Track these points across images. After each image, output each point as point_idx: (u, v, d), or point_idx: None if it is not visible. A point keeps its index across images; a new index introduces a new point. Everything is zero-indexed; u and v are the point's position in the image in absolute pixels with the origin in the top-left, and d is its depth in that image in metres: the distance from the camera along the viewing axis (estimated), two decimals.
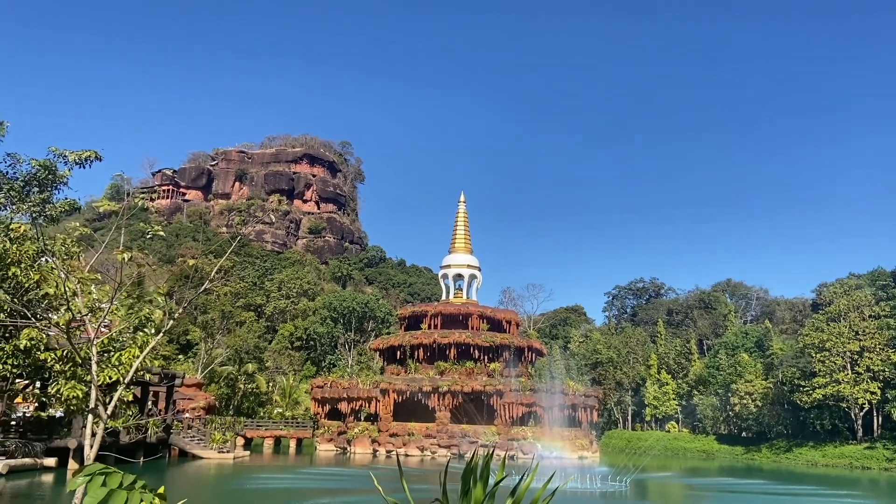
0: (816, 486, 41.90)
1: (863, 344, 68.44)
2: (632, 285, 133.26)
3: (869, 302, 71.91)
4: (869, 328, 69.12)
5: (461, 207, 75.74)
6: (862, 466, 63.49)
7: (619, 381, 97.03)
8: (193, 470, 40.34)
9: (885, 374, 66.89)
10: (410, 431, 60.24)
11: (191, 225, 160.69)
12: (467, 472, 5.00)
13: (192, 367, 72.31)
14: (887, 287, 78.32)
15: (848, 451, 67.98)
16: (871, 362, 67.42)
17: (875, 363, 67.12)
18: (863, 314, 70.83)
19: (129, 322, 9.82)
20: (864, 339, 68.75)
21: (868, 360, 67.62)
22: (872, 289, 76.36)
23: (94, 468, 3.69)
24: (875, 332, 68.52)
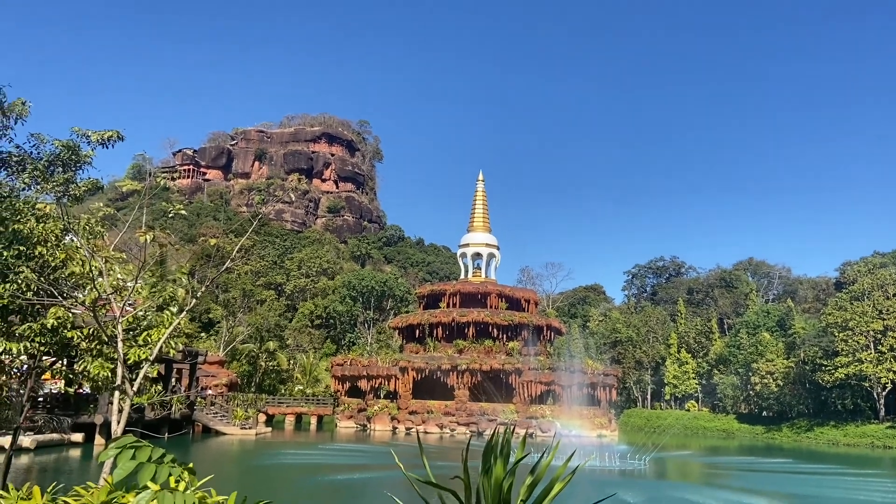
0: (838, 466, 41.72)
1: (886, 323, 67.65)
2: (652, 264, 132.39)
3: (893, 280, 70.87)
4: (893, 307, 68.24)
5: (479, 186, 75.49)
6: (884, 446, 63.03)
7: (639, 360, 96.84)
8: (217, 445, 41.06)
9: None
10: (429, 409, 60.72)
11: (211, 204, 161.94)
12: (488, 449, 5.02)
13: (215, 345, 73.31)
14: None
15: (870, 430, 67.50)
16: (894, 341, 66.67)
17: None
18: (887, 293, 69.89)
19: (153, 301, 9.95)
20: (888, 318, 67.92)
21: (892, 339, 66.89)
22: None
23: (124, 441, 3.77)
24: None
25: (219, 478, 18.00)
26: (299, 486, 25.15)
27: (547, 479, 5.07)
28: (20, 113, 11.61)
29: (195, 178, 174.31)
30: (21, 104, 11.58)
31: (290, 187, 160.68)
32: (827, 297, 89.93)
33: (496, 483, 4.88)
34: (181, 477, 4.11)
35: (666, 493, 25.47)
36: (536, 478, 5.01)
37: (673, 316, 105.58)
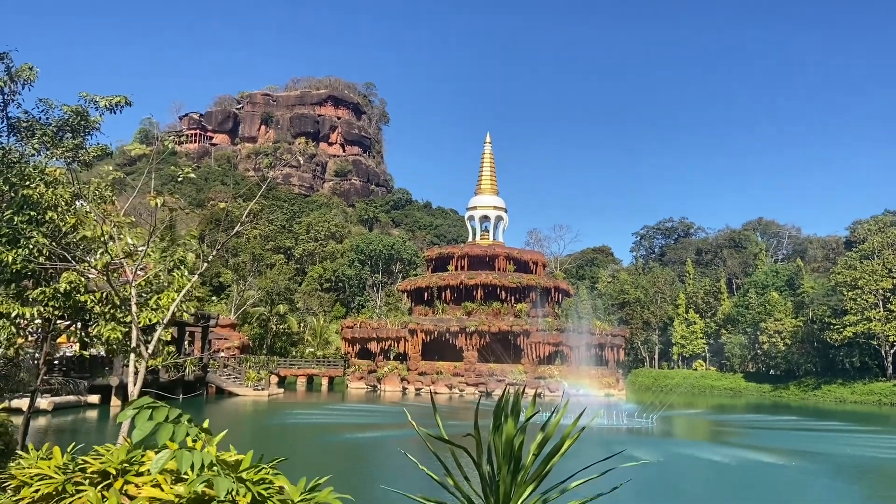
0: (846, 423, 42.04)
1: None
2: (660, 225, 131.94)
3: None
4: None
5: (487, 149, 74.94)
6: (891, 403, 63.42)
7: (647, 321, 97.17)
8: (231, 406, 41.76)
9: None
10: (439, 370, 61.37)
11: (219, 169, 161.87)
12: (498, 408, 5.09)
13: (226, 309, 74.00)
14: None
15: (877, 387, 67.82)
16: None
17: None
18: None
19: (164, 265, 10.03)
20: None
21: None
22: None
23: (142, 402, 3.84)
24: None
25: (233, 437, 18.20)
26: (313, 445, 25.62)
27: (557, 437, 5.15)
28: (28, 78, 11.55)
29: (202, 142, 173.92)
30: (28, 69, 11.52)
31: (297, 151, 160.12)
32: (837, 256, 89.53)
33: (507, 440, 4.96)
34: (198, 436, 4.19)
35: (674, 451, 25.81)
36: (546, 435, 5.08)
37: (681, 277, 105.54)
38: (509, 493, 4.85)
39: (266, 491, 4.47)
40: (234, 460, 4.58)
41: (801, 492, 18.45)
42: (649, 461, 20.76)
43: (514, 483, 4.90)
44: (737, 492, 18.60)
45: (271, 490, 4.51)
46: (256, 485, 4.41)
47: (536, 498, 4.99)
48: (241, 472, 4.46)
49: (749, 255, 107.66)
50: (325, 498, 4.45)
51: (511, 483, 4.88)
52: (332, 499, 4.40)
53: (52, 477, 4.90)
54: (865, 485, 19.76)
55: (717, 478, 20.93)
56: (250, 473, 4.50)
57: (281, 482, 4.61)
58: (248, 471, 4.52)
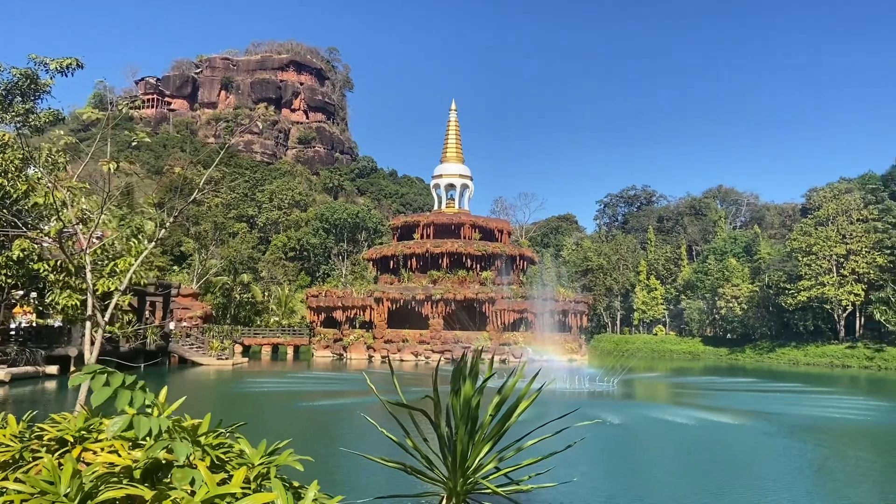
0: (799, 384, 43.55)
1: (849, 247, 69.49)
2: (623, 193, 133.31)
3: (857, 206, 72.42)
4: (856, 231, 69.96)
5: (452, 116, 74.48)
6: (843, 365, 65.81)
7: (609, 287, 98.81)
8: (193, 375, 41.46)
9: (869, 276, 68.34)
10: (405, 338, 61.69)
11: (178, 135, 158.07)
12: (457, 371, 5.19)
13: (188, 278, 72.99)
14: (876, 191, 78.64)
15: (829, 350, 70.28)
16: (856, 265, 68.71)
17: (860, 266, 68.43)
18: (851, 218, 71.50)
19: (121, 232, 9.84)
20: (850, 242, 69.73)
21: (854, 263, 68.89)
22: (862, 192, 76.70)
23: (94, 367, 3.81)
24: (862, 236, 69.43)
25: (196, 406, 18.25)
26: (277, 412, 25.66)
27: (513, 399, 5.27)
28: None
29: (160, 107, 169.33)
30: None
31: (258, 116, 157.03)
32: (793, 222, 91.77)
33: (465, 401, 5.07)
34: (154, 402, 4.18)
35: (634, 412, 26.49)
36: (503, 396, 5.21)
37: (643, 244, 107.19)
38: (467, 452, 4.97)
39: (225, 455, 4.49)
40: (191, 425, 4.58)
41: (758, 451, 19.14)
42: (602, 420, 21.33)
43: (471, 442, 5.02)
44: (696, 451, 19.22)
45: (230, 454, 4.53)
46: (215, 449, 4.43)
47: (493, 456, 5.13)
48: (199, 436, 4.46)
49: (709, 223, 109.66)
50: (285, 460, 4.49)
51: (468, 442, 5.00)
52: (291, 461, 4.44)
53: (9, 445, 4.84)
54: (818, 443, 20.56)
55: (677, 438, 21.58)
56: (209, 438, 4.51)
57: (241, 446, 4.64)
58: (206, 435, 4.53)
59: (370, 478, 13.79)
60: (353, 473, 14.61)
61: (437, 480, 4.90)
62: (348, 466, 15.04)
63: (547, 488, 5.64)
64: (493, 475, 5.02)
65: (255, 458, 4.54)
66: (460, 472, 4.81)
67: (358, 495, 9.96)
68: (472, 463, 4.86)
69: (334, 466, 14.78)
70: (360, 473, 14.43)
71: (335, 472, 14.24)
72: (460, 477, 4.81)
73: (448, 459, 4.88)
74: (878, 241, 68.79)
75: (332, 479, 13.05)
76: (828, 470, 16.95)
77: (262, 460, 4.52)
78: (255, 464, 4.48)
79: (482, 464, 4.90)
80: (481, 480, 4.88)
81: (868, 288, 68.95)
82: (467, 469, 4.86)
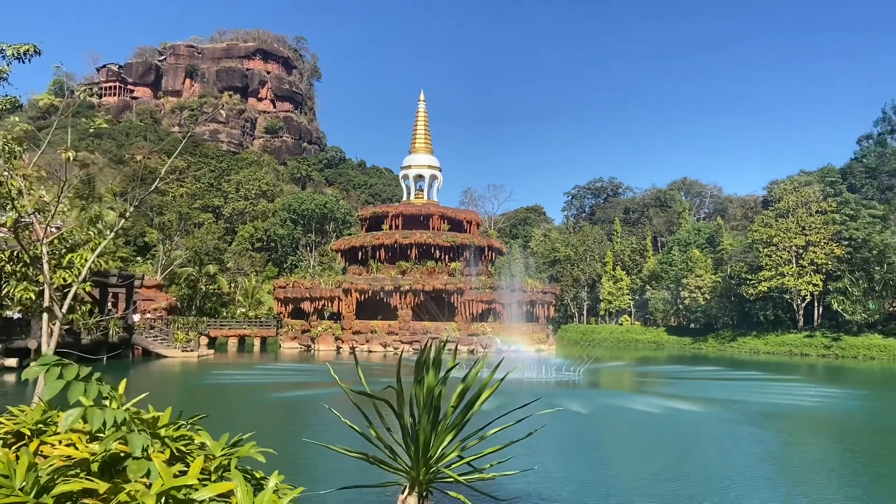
0: (759, 372, 44.58)
1: (808, 238, 71.14)
2: (591, 185, 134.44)
3: (816, 198, 74.09)
4: (815, 223, 71.62)
5: (421, 106, 74.23)
6: (801, 353, 67.47)
7: (576, 278, 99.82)
8: (157, 368, 40.87)
9: (827, 266, 70.08)
10: (373, 329, 61.58)
11: (141, 124, 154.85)
12: (420, 361, 5.21)
13: (152, 269, 71.81)
14: (835, 184, 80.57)
15: (788, 339, 71.99)
16: (815, 256, 70.39)
17: (819, 257, 70.12)
18: (810, 210, 73.14)
19: (82, 223, 9.64)
20: (809, 233, 71.38)
21: (812, 254, 70.56)
22: (821, 185, 78.50)
23: (48, 359, 3.75)
24: (821, 227, 71.13)
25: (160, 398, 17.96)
26: (241, 404, 25.46)
27: (476, 387, 5.32)
28: None
29: (122, 95, 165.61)
30: None
31: (224, 105, 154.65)
32: (754, 214, 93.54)
33: (428, 391, 5.09)
34: (111, 394, 4.12)
35: (600, 401, 26.86)
36: (466, 385, 5.25)
37: (609, 235, 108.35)
38: (429, 441, 5.00)
39: (186, 447, 4.45)
40: (151, 418, 4.53)
41: (720, 438, 19.57)
42: (564, 408, 21.63)
43: (434, 432, 5.05)
44: (658, 438, 19.57)
45: (191, 446, 4.49)
46: (175, 441, 4.38)
47: (456, 445, 5.18)
48: (158, 429, 4.42)
49: (673, 214, 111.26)
50: (247, 452, 4.47)
51: (431, 432, 5.03)
52: (254, 453, 4.42)
53: None
54: (778, 430, 21.09)
55: (641, 426, 21.95)
56: (168, 430, 4.46)
57: (202, 438, 4.60)
58: (166, 427, 4.48)
59: (334, 469, 13.79)
60: (316, 465, 14.59)
61: (399, 470, 4.93)
62: (312, 458, 15.01)
63: (509, 476, 5.71)
64: (455, 464, 5.07)
65: (217, 450, 4.51)
66: (423, 462, 4.85)
67: (321, 486, 9.96)
68: (435, 452, 4.90)
69: (298, 458, 14.74)
70: (324, 465, 14.41)
71: (299, 464, 14.21)
72: (423, 466, 4.85)
73: (411, 449, 4.91)
74: (835, 232, 70.54)
75: (295, 471, 13.01)
76: (787, 456, 17.43)
77: (224, 452, 4.49)
78: (217, 455, 4.46)
79: (445, 453, 4.94)
80: (444, 469, 4.93)
81: (826, 278, 70.72)
82: (430, 458, 4.90)
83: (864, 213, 71.17)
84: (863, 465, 16.39)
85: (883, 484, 14.35)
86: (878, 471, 15.74)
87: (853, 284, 67.76)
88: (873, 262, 67.29)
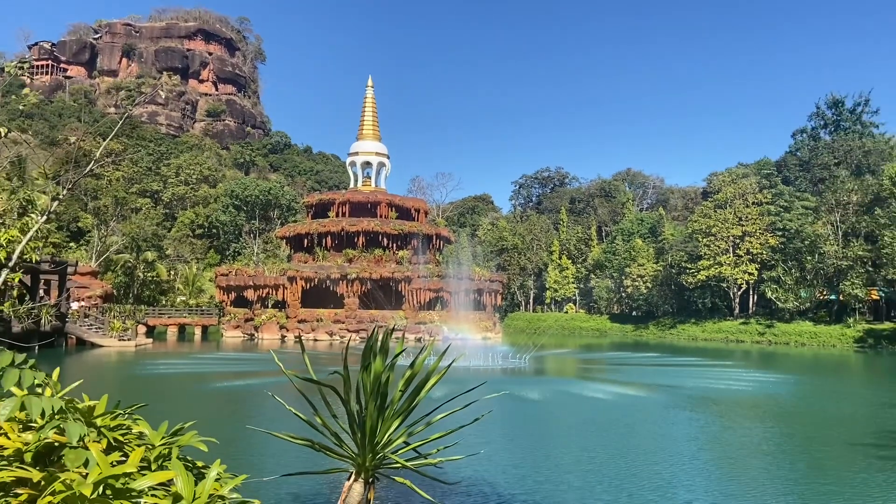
0: (697, 358, 46.05)
1: (745, 229, 73.69)
2: (538, 174, 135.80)
3: (753, 190, 76.73)
4: (751, 214, 74.22)
5: (369, 92, 73.53)
6: (737, 340, 69.99)
7: (523, 267, 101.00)
8: (93, 357, 39.60)
9: (762, 256, 72.78)
10: (319, 317, 61.01)
11: (74, 104, 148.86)
12: (367, 348, 5.17)
13: (86, 256, 69.27)
14: (770, 176, 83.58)
15: (725, 326, 74.58)
16: (750, 245, 72.99)
17: (754, 246, 72.76)
18: (747, 201, 75.71)
19: (10, 205, 9.21)
20: (746, 224, 73.95)
21: (748, 244, 73.15)
22: (757, 177, 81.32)
23: None
24: (756, 218, 73.76)
25: (95, 388, 17.53)
26: (182, 394, 24.91)
27: (423, 374, 5.31)
28: None
29: (55, 74, 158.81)
30: None
31: (163, 86, 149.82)
32: (695, 205, 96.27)
33: (375, 377, 5.07)
34: (45, 382, 3.96)
35: (543, 387, 27.29)
36: (413, 372, 5.24)
37: (556, 224, 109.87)
38: (376, 427, 4.98)
39: (124, 437, 4.32)
40: (87, 407, 4.38)
41: (660, 422, 20.13)
42: (509, 392, 21.95)
43: (381, 418, 5.03)
44: (603, 422, 20.01)
45: (129, 436, 4.36)
46: (113, 431, 4.25)
47: (403, 431, 5.17)
48: (95, 418, 4.27)
49: (618, 204, 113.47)
50: (188, 441, 4.35)
51: (378, 418, 5.01)
52: (195, 442, 4.31)
53: None
54: (715, 414, 21.84)
55: (583, 410, 22.40)
56: (106, 419, 4.32)
57: (140, 428, 4.47)
58: (103, 417, 4.34)
59: (278, 457, 13.66)
60: (260, 453, 14.42)
61: (345, 457, 4.89)
62: (256, 446, 14.82)
63: (455, 461, 5.74)
64: (402, 450, 5.06)
65: (156, 440, 4.39)
66: (369, 448, 4.83)
67: (265, 474, 9.85)
68: (382, 438, 4.89)
69: (241, 447, 14.53)
70: (268, 453, 14.25)
71: (242, 453, 14.01)
72: (369, 452, 4.82)
73: (357, 435, 4.88)
74: (770, 223, 73.28)
75: (238, 460, 12.83)
76: (724, 440, 18.04)
77: (163, 441, 4.37)
78: (156, 445, 4.34)
79: (391, 439, 4.93)
80: (390, 455, 4.92)
81: (761, 267, 73.45)
82: (377, 444, 4.88)
83: (798, 205, 74.12)
84: (798, 448, 17.09)
85: (817, 467, 15.01)
86: (813, 454, 16.46)
87: (786, 273, 70.58)
88: (805, 252, 70.20)
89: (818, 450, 16.85)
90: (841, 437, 18.28)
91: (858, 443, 17.31)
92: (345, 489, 4.84)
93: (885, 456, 15.66)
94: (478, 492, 11.55)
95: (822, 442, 17.83)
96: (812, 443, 17.82)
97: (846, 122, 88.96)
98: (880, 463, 14.89)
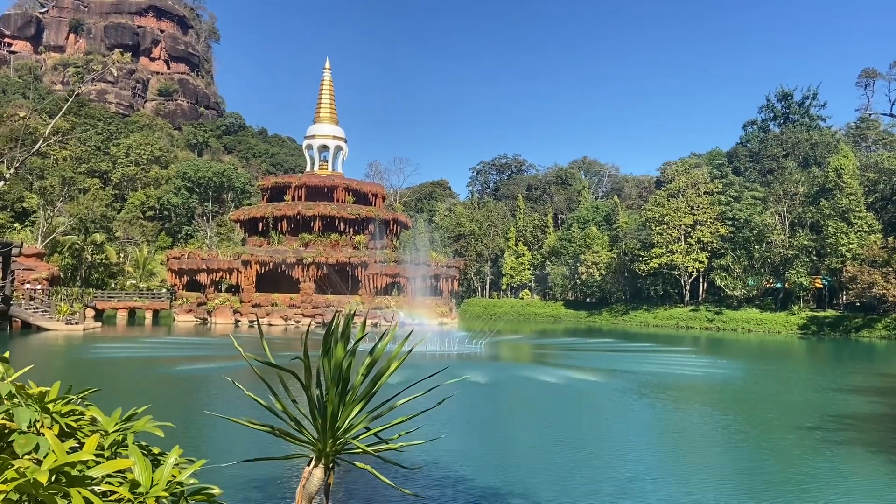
0: (649, 344, 47.09)
1: (696, 218, 75.38)
2: (495, 161, 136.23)
3: (705, 180, 78.46)
4: (702, 203, 75.93)
5: (326, 75, 72.54)
6: (687, 326, 71.77)
7: (480, 253, 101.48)
8: (39, 341, 38.44)
9: (712, 245, 74.62)
10: (274, 302, 60.33)
11: (19, 80, 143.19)
12: (328, 333, 5.13)
13: (31, 237, 67.07)
14: (722, 166, 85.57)
15: (676, 313, 76.37)
16: (702, 234, 74.74)
17: (705, 235, 74.52)
18: (698, 191, 77.40)
19: None
20: (697, 213, 75.65)
21: (699, 233, 74.87)
22: (709, 167, 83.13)
23: None
24: (707, 207, 75.51)
25: (43, 373, 16.97)
26: (134, 378, 24.38)
27: (384, 360, 5.30)
28: None
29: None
30: None
31: (113, 63, 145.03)
32: (648, 194, 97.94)
33: (336, 363, 5.03)
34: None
35: (499, 372, 27.56)
36: (374, 358, 5.22)
37: (513, 211, 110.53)
38: (337, 413, 4.95)
39: (76, 422, 4.20)
40: (38, 392, 4.25)
41: (613, 406, 20.54)
42: (467, 378, 22.13)
43: (342, 403, 5.00)
44: (558, 406, 20.33)
45: (82, 421, 4.25)
46: (65, 416, 4.13)
47: (364, 416, 5.16)
48: (46, 403, 4.15)
49: (574, 192, 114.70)
50: (143, 427, 4.26)
51: (339, 403, 4.98)
52: (150, 427, 4.22)
53: None
54: (665, 398, 22.38)
55: (539, 395, 22.71)
56: (57, 405, 4.20)
57: (93, 413, 4.36)
58: (54, 402, 4.21)
59: (237, 443, 13.50)
60: (219, 439, 14.23)
61: (305, 442, 4.87)
62: (214, 432, 14.61)
63: (416, 445, 5.77)
64: (363, 435, 5.06)
65: (110, 426, 4.29)
66: (330, 434, 4.81)
67: (224, 460, 9.72)
68: (343, 424, 4.87)
69: (199, 433, 14.31)
70: (227, 439, 14.08)
71: (200, 438, 13.80)
72: (330, 438, 4.81)
73: (318, 421, 4.85)
74: (721, 212, 75.10)
75: (196, 446, 12.63)
76: (676, 423, 18.51)
77: (118, 427, 4.28)
78: (110, 431, 4.24)
79: (352, 424, 4.92)
80: (351, 440, 4.91)
81: (711, 256, 75.32)
82: (337, 430, 4.86)
83: (747, 195, 76.09)
84: (747, 432, 17.62)
85: (770, 450, 15.50)
86: (760, 437, 17.00)
87: (735, 262, 72.56)
88: (753, 241, 72.24)
89: (770, 434, 17.37)
90: (790, 422, 18.85)
91: (805, 426, 17.95)
92: (305, 474, 4.81)
93: (829, 440, 16.29)
94: (438, 475, 11.65)
95: (772, 426, 18.36)
96: (762, 427, 18.36)
97: (795, 114, 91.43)
98: (826, 447, 15.47)
